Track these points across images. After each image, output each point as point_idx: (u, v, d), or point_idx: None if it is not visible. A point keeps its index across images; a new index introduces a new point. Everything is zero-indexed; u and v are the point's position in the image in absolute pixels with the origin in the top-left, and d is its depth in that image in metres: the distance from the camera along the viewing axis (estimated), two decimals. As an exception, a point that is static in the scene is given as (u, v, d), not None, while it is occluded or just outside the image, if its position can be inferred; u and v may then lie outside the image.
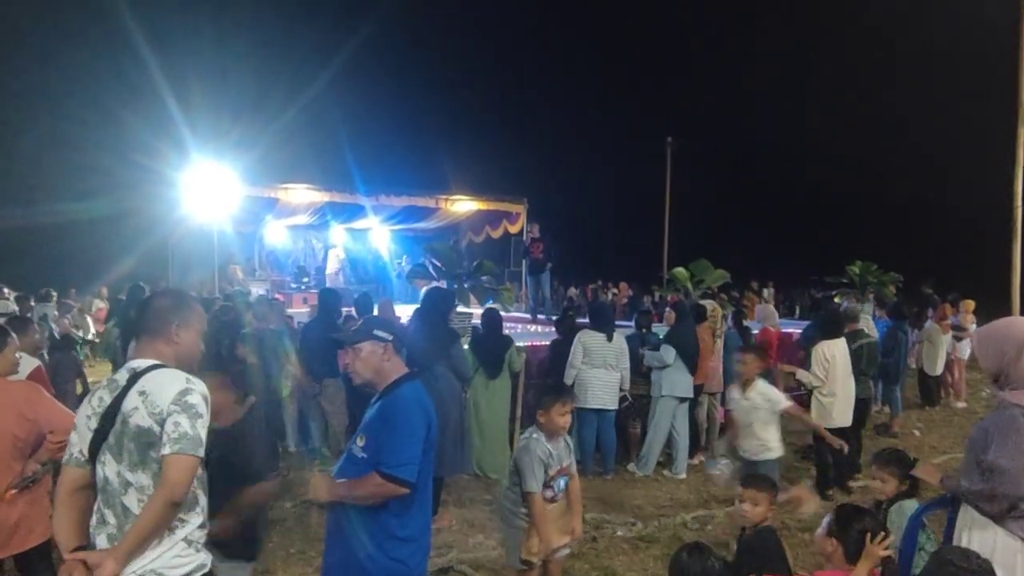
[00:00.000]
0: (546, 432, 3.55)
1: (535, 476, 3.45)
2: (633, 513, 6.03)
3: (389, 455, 2.56)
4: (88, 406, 2.24)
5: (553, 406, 3.53)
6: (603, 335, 6.92)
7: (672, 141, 19.92)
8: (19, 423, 3.03)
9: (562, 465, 3.58)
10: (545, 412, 3.55)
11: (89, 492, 2.25)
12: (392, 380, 2.71)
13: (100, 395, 2.24)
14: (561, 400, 3.57)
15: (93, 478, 2.23)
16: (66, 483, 2.24)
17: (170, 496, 2.11)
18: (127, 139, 19.46)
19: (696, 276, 10.29)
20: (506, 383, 6.97)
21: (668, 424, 7.11)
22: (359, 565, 2.59)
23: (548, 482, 3.51)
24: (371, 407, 2.77)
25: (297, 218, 15.46)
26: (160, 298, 2.43)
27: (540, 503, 3.46)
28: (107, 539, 2.17)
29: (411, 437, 2.59)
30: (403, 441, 2.57)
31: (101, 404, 2.21)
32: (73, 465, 2.23)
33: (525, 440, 3.59)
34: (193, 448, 2.15)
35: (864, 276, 12.25)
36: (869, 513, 2.96)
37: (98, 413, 2.20)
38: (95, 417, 2.20)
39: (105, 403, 2.20)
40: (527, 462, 3.47)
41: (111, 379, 2.28)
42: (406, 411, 2.63)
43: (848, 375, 6.54)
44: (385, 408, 2.65)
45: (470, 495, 6.38)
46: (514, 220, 15.87)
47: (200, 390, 2.23)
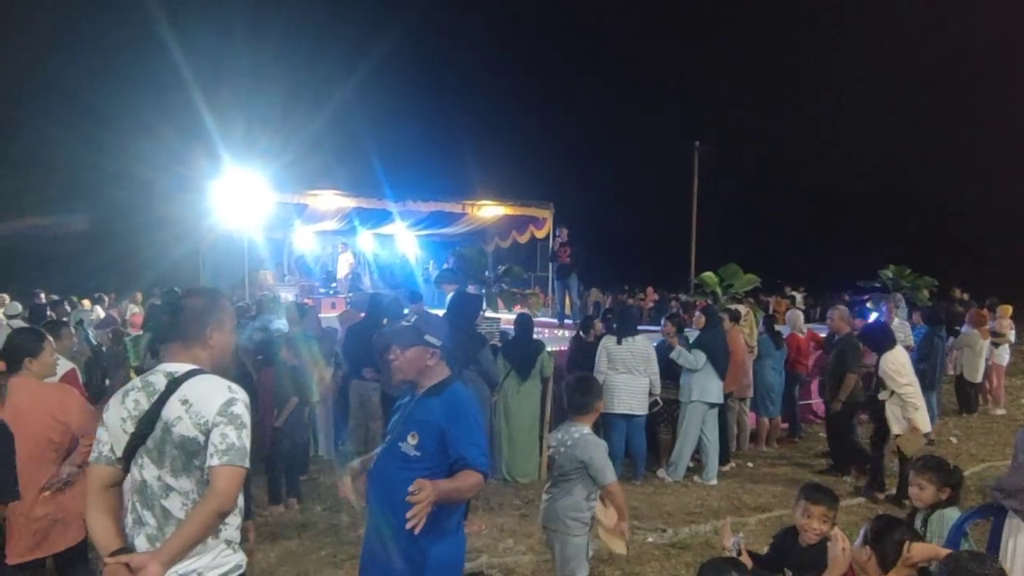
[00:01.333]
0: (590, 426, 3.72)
1: (611, 467, 3.59)
2: (663, 520, 5.97)
3: (472, 448, 2.62)
4: (122, 407, 2.23)
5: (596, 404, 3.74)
6: (630, 339, 6.89)
7: (700, 145, 19.79)
8: (53, 426, 3.08)
9: None
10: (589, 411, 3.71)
11: (119, 489, 2.27)
12: (438, 380, 2.76)
13: (135, 397, 2.23)
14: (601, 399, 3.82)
15: (122, 476, 2.25)
16: (96, 480, 2.26)
17: (219, 507, 2.15)
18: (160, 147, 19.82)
19: (725, 280, 10.19)
20: (536, 387, 6.96)
21: (698, 430, 7.04)
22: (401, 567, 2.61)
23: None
24: (414, 403, 2.75)
25: (325, 223, 15.58)
26: (193, 299, 2.39)
27: (621, 491, 3.63)
28: (146, 539, 2.19)
29: (481, 431, 2.73)
30: (479, 435, 2.69)
31: (138, 408, 2.21)
32: (103, 463, 2.24)
33: (582, 437, 3.62)
34: (240, 459, 2.17)
35: (898, 280, 12.04)
36: (905, 523, 2.91)
37: (135, 417, 2.20)
38: (131, 421, 2.20)
39: (142, 407, 2.20)
40: (602, 457, 3.56)
41: (146, 382, 2.27)
42: (473, 406, 2.75)
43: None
44: (447, 405, 2.68)
45: (499, 500, 6.36)
46: (540, 225, 15.83)
47: (243, 399, 2.24)
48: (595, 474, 3.54)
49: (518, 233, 16.45)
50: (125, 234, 21.79)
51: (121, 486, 2.27)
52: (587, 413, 3.72)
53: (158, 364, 2.32)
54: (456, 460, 2.58)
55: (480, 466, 2.59)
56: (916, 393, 6.37)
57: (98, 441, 2.26)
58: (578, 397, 3.72)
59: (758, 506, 6.39)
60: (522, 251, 17.02)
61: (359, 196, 14.14)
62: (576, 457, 3.59)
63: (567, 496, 3.62)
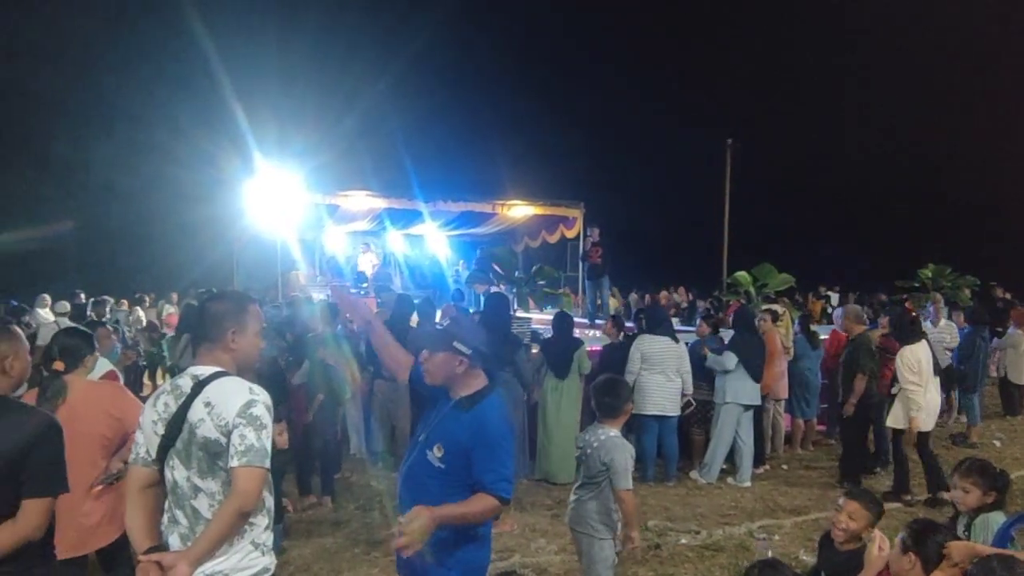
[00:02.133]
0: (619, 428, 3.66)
1: (630, 473, 3.52)
2: (697, 521, 5.91)
3: (490, 473, 2.55)
4: (153, 410, 2.29)
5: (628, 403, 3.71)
6: (663, 339, 6.84)
7: (732, 143, 19.57)
8: (107, 422, 3.16)
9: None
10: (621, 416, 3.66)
11: (156, 490, 2.33)
12: (472, 392, 2.67)
13: (165, 400, 2.29)
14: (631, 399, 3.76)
15: (159, 477, 2.30)
16: (134, 481, 2.32)
17: (240, 507, 2.18)
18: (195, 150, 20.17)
19: (759, 280, 10.07)
20: (575, 385, 6.95)
21: (732, 431, 6.97)
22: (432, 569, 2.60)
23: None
24: (447, 410, 2.70)
25: (356, 224, 15.73)
26: (215, 303, 2.42)
27: (634, 500, 3.56)
28: (179, 538, 2.25)
29: (507, 454, 2.63)
30: (502, 459, 2.59)
31: (167, 410, 2.26)
32: (140, 465, 2.31)
33: (609, 439, 3.58)
34: (260, 460, 2.20)
35: (937, 280, 11.78)
36: (943, 525, 2.85)
37: (164, 419, 2.25)
38: (161, 423, 2.25)
39: (171, 410, 2.25)
40: (622, 460, 3.50)
41: (175, 384, 2.32)
42: (499, 428, 2.63)
43: (932, 379, 6.43)
44: (475, 424, 2.60)
45: (531, 499, 6.36)
46: (571, 225, 15.78)
47: (263, 400, 2.27)
48: (613, 476, 3.51)
49: (548, 233, 16.43)
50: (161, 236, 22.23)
51: (158, 487, 2.33)
52: (615, 416, 3.67)
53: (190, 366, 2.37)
54: (475, 482, 2.55)
55: (496, 491, 2.53)
56: (921, 394, 6.24)
57: (135, 443, 2.33)
58: (607, 399, 3.68)
59: (793, 508, 6.30)
60: (552, 251, 16.99)
61: (390, 197, 14.23)
62: (600, 459, 3.56)
63: (594, 499, 3.60)
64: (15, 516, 2.21)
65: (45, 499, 2.25)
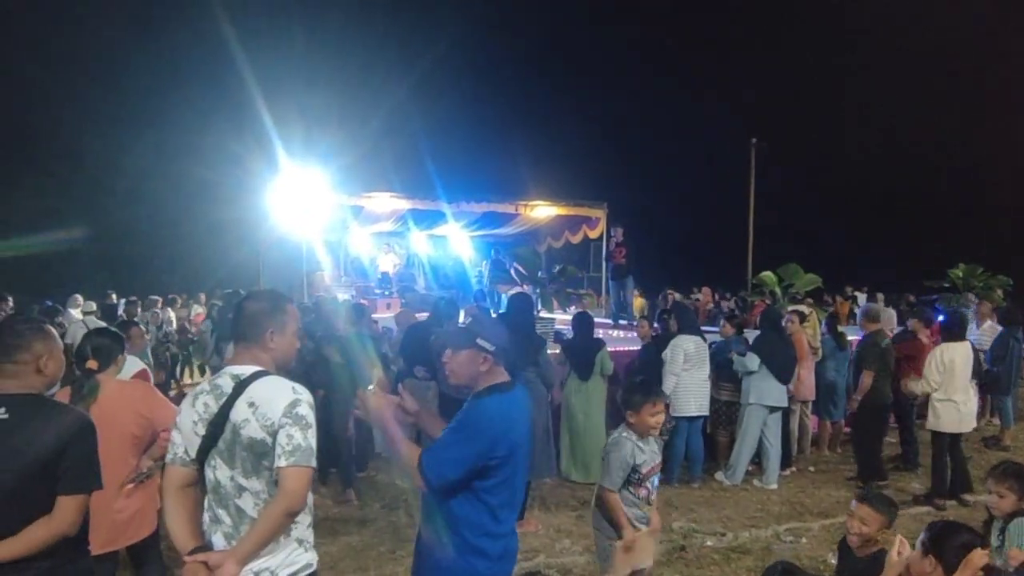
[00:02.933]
0: (637, 432, 3.49)
1: (616, 474, 3.42)
2: (722, 524, 5.87)
3: (436, 445, 2.52)
4: (192, 410, 2.29)
5: (643, 406, 3.45)
6: (696, 338, 6.84)
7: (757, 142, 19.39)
8: (136, 421, 3.21)
9: (655, 463, 3.53)
10: (635, 412, 3.48)
11: (194, 489, 2.34)
12: (483, 387, 2.62)
13: (205, 400, 2.28)
14: (651, 400, 3.48)
15: (198, 476, 2.31)
16: (172, 481, 2.33)
17: (288, 506, 2.19)
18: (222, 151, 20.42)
19: (784, 280, 9.95)
20: (599, 386, 6.95)
21: (757, 433, 6.90)
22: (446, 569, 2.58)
23: (642, 481, 3.47)
24: (464, 406, 2.72)
25: (380, 225, 15.82)
26: (254, 303, 2.41)
27: (615, 500, 3.43)
28: (223, 537, 2.25)
29: (463, 445, 2.48)
30: (454, 444, 2.49)
31: (207, 411, 2.26)
32: (178, 465, 2.31)
33: (615, 437, 3.53)
34: (307, 459, 2.21)
35: (968, 280, 11.56)
36: (965, 527, 2.79)
37: (205, 420, 2.25)
38: (202, 423, 2.25)
39: (212, 410, 2.25)
40: (613, 459, 3.44)
41: (214, 384, 2.32)
42: (477, 422, 2.52)
43: (968, 380, 6.35)
44: (463, 412, 2.59)
45: (555, 500, 6.36)
46: (594, 225, 15.75)
47: (307, 399, 2.28)
48: (602, 471, 3.47)
49: (571, 233, 16.41)
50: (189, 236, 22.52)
51: (197, 486, 2.34)
52: (629, 414, 3.56)
53: (224, 364, 2.37)
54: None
55: (424, 455, 2.47)
56: (942, 397, 6.24)
57: (173, 443, 2.33)
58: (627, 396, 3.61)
59: (821, 511, 6.23)
60: (575, 251, 16.96)
61: (413, 198, 14.30)
62: (603, 456, 3.56)
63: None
64: (51, 512, 2.25)
65: (80, 496, 2.28)
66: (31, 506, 2.23)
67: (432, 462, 2.45)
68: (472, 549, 2.52)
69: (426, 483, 2.47)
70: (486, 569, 2.56)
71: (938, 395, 6.27)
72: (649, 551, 3.58)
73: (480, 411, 2.53)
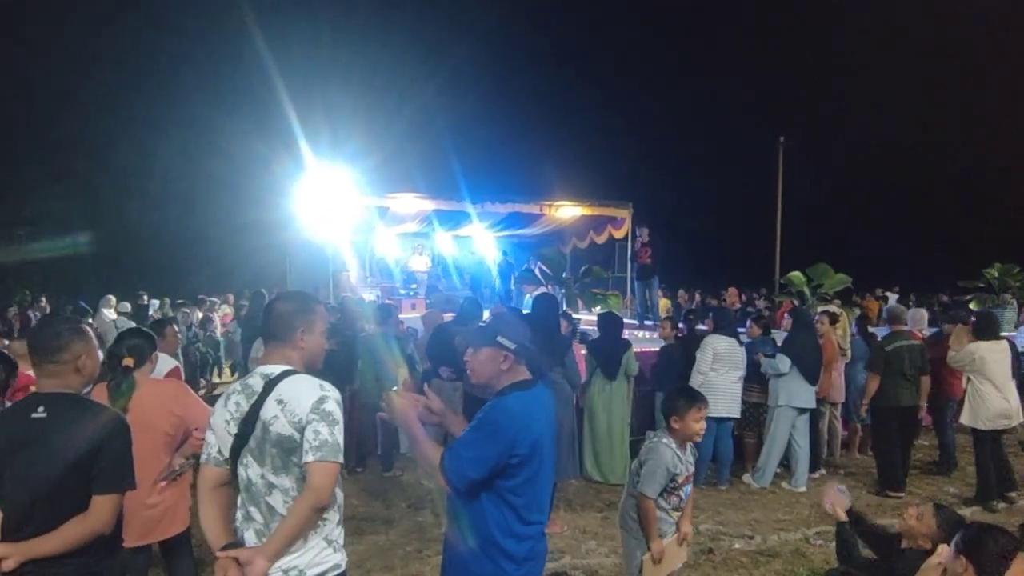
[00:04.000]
0: (678, 438, 3.45)
1: (657, 482, 3.37)
2: (750, 526, 5.80)
3: (456, 444, 2.50)
4: (225, 410, 2.32)
5: (689, 411, 3.42)
6: (731, 339, 6.76)
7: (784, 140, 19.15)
8: (169, 419, 3.26)
9: (690, 472, 3.50)
10: (680, 418, 3.44)
11: (228, 488, 2.37)
12: (504, 386, 2.58)
13: (236, 400, 2.31)
14: (697, 405, 3.44)
15: (231, 475, 2.34)
16: (206, 480, 2.36)
17: (315, 502, 2.21)
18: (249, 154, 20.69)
19: (813, 280, 9.83)
20: (623, 386, 6.93)
21: (786, 435, 6.82)
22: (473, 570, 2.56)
23: (676, 489, 3.43)
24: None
25: (405, 226, 15.87)
26: (283, 303, 2.44)
27: (653, 509, 3.38)
28: (255, 534, 2.28)
29: (483, 444, 2.44)
30: (474, 443, 2.46)
31: (239, 410, 2.29)
32: (212, 465, 2.35)
33: (655, 443, 3.48)
34: (334, 454, 2.23)
35: (1004, 279, 11.31)
36: (1001, 530, 2.73)
37: (236, 419, 2.28)
38: (234, 422, 2.29)
39: (243, 409, 2.28)
40: (654, 466, 3.38)
41: (245, 384, 2.35)
42: (497, 420, 2.48)
43: (1008, 378, 6.27)
44: (483, 411, 2.56)
45: (581, 501, 6.34)
46: (619, 225, 15.65)
47: (334, 396, 2.30)
48: (640, 478, 3.42)
49: (596, 234, 16.32)
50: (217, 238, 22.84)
51: (230, 485, 2.37)
52: (669, 420, 3.54)
53: (253, 363, 2.40)
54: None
55: (447, 454, 2.45)
56: (979, 394, 6.23)
57: (207, 444, 2.37)
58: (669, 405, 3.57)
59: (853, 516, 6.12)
60: (600, 252, 16.86)
61: (438, 198, 14.33)
62: (639, 459, 3.52)
63: (633, 496, 3.53)
64: (86, 510, 2.29)
65: (114, 495, 2.32)
66: (67, 503, 2.28)
67: (453, 462, 2.44)
68: (499, 550, 2.50)
69: (448, 483, 2.45)
70: (513, 571, 2.53)
71: (975, 392, 6.22)
72: (680, 558, 3.56)
73: (500, 409, 2.50)
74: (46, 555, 2.22)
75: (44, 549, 2.22)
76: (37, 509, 2.25)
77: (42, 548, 2.22)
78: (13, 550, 2.20)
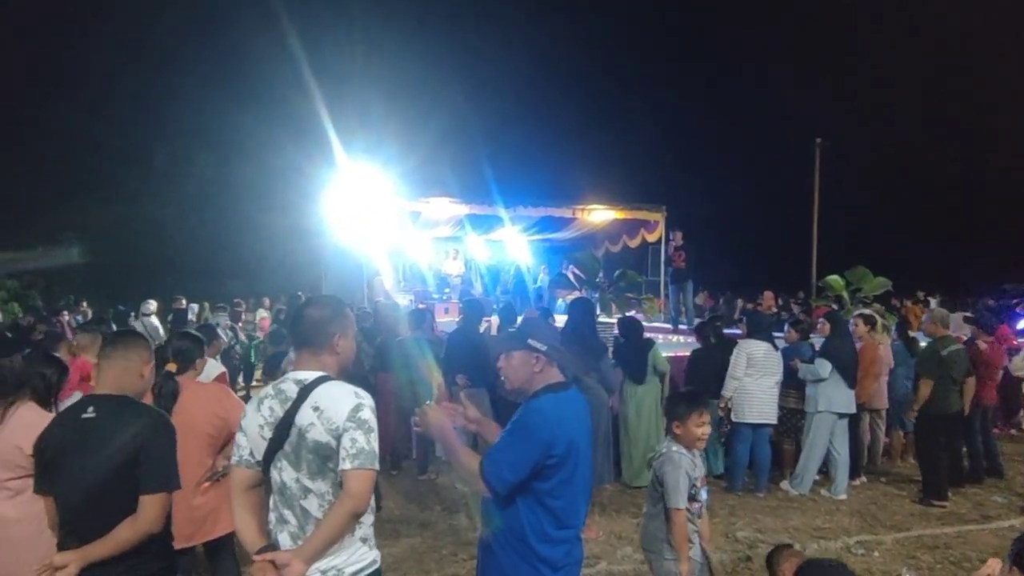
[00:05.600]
0: (682, 444, 3.37)
1: (681, 492, 3.26)
2: (789, 534, 5.70)
3: (494, 449, 2.52)
4: (258, 414, 2.33)
5: (690, 416, 3.34)
6: (768, 344, 6.66)
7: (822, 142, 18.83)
8: (212, 421, 3.32)
9: (703, 474, 3.42)
10: (681, 423, 3.37)
11: (260, 490, 2.40)
12: (537, 389, 2.61)
13: (270, 405, 2.33)
14: (698, 410, 3.36)
15: (262, 477, 2.37)
16: (239, 482, 2.39)
17: (354, 508, 2.24)
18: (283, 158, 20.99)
19: (852, 284, 9.65)
20: (654, 389, 6.87)
21: (825, 441, 6.70)
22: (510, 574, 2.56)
23: (694, 495, 3.35)
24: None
25: (439, 230, 15.97)
26: (316, 309, 2.44)
27: (684, 522, 3.27)
28: (289, 537, 2.30)
29: (520, 446, 2.48)
30: (510, 447, 2.49)
31: (273, 415, 2.31)
32: (244, 467, 2.36)
33: (666, 452, 3.39)
34: (371, 462, 2.26)
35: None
36: None
37: (271, 423, 2.30)
38: (268, 427, 2.31)
39: (277, 414, 2.30)
40: (673, 475, 3.27)
41: (278, 389, 2.36)
42: (532, 422, 2.51)
43: None
44: (518, 415, 2.58)
45: (616, 506, 6.29)
46: (652, 228, 15.56)
47: (369, 404, 2.32)
48: (664, 493, 3.30)
49: (629, 237, 16.25)
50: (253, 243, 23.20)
51: (261, 486, 2.39)
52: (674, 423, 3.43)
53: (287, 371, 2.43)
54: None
55: (485, 461, 2.47)
56: None
57: (238, 446, 2.38)
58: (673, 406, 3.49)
59: (893, 524, 6.00)
60: (632, 256, 16.78)
61: (470, 202, 14.39)
62: (656, 474, 3.40)
63: (658, 516, 3.39)
64: (135, 512, 2.33)
65: (162, 495, 2.37)
66: (116, 505, 2.33)
67: (492, 467, 2.46)
68: (534, 554, 2.51)
69: (489, 488, 2.47)
70: (551, 574, 2.54)
71: None
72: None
73: (534, 411, 2.53)
74: (101, 559, 2.27)
75: (99, 553, 2.27)
76: (89, 511, 2.30)
77: (97, 552, 2.27)
78: (72, 558, 2.25)
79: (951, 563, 5.18)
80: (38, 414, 2.95)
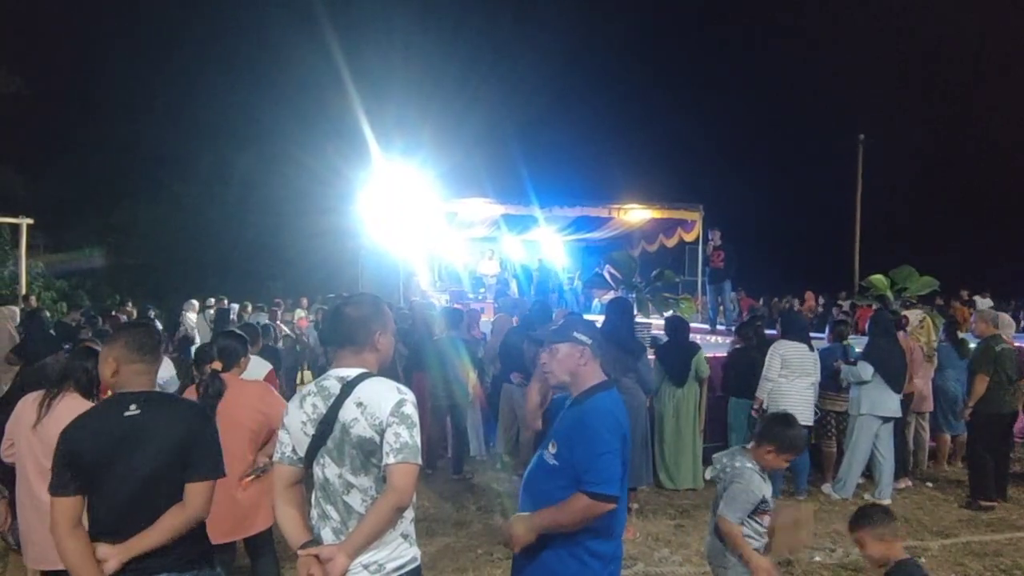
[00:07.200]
0: (762, 463, 3.25)
1: (740, 507, 3.16)
2: (831, 539, 5.59)
3: (590, 472, 2.49)
4: (300, 411, 2.36)
5: (783, 454, 3.26)
6: (802, 345, 6.54)
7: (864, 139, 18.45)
8: (253, 416, 3.38)
9: (770, 508, 3.28)
10: (775, 453, 3.25)
11: (301, 486, 2.43)
12: (588, 387, 2.64)
13: (313, 402, 2.35)
14: (789, 456, 3.29)
15: (304, 474, 2.40)
16: (281, 479, 2.42)
17: (398, 503, 2.25)
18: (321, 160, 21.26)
19: (897, 284, 9.40)
20: (693, 391, 6.82)
21: (869, 444, 6.55)
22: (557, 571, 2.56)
23: (767, 511, 3.24)
24: (564, 410, 2.72)
25: (474, 230, 16.01)
26: (355, 308, 2.45)
27: (739, 533, 3.17)
28: (331, 532, 2.33)
29: (608, 451, 2.51)
30: (602, 457, 2.50)
31: (315, 411, 2.33)
32: (286, 464, 2.40)
33: (740, 469, 3.26)
34: (414, 456, 2.27)
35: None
36: None
37: (313, 420, 2.33)
38: (311, 423, 2.33)
39: (320, 411, 2.32)
40: (740, 492, 3.17)
41: (321, 386, 2.38)
42: (603, 424, 2.54)
43: None
44: (580, 419, 2.58)
45: (652, 507, 6.24)
46: (689, 228, 15.39)
47: (411, 399, 2.34)
48: (723, 501, 3.21)
49: (665, 237, 16.10)
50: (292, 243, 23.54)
51: (302, 483, 2.42)
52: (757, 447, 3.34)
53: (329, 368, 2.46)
54: (577, 481, 2.49)
55: (590, 488, 2.45)
56: None
57: (280, 443, 2.42)
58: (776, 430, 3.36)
59: (940, 530, 5.84)
60: (669, 255, 16.62)
61: (506, 203, 14.40)
62: (724, 487, 3.28)
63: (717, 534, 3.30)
64: (182, 500, 2.37)
65: (208, 481, 2.41)
66: (164, 497, 2.36)
67: (604, 482, 2.46)
68: (584, 549, 2.54)
69: (609, 500, 2.48)
70: (600, 569, 2.58)
71: None
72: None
73: (591, 412, 2.57)
74: (149, 549, 2.30)
75: (146, 544, 2.29)
76: (135, 508, 2.32)
77: (144, 543, 2.29)
78: (115, 551, 2.27)
79: (1001, 571, 5.03)
80: (81, 404, 3.02)
